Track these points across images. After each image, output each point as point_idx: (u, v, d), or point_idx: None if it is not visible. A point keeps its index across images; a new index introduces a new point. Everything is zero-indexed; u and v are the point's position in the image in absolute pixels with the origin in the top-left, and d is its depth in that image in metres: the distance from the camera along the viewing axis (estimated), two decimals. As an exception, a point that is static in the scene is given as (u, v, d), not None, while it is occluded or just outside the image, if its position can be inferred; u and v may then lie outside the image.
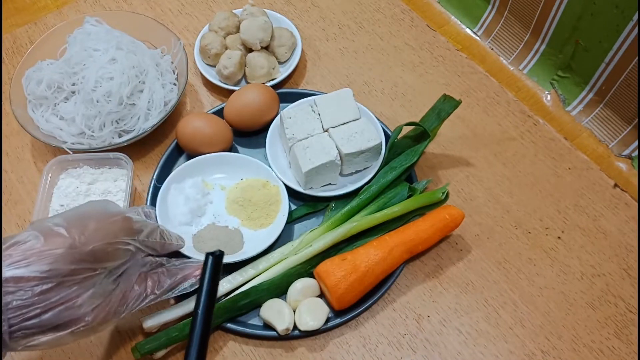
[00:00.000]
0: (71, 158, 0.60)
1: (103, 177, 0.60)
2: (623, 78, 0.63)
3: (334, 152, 0.57)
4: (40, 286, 0.37)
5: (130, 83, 0.61)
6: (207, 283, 0.42)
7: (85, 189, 0.59)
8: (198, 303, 0.42)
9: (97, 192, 0.59)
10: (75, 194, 0.59)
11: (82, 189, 0.59)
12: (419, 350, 0.53)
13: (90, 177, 0.60)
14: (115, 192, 0.60)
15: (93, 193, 0.59)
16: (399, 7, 0.79)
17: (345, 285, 0.51)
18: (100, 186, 0.60)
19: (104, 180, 0.60)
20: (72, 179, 0.60)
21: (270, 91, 0.64)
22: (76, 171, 0.60)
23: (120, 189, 0.60)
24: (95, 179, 0.60)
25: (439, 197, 0.57)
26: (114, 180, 0.60)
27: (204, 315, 0.41)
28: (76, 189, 0.59)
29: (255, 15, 0.71)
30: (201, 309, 0.41)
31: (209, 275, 0.43)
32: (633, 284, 0.56)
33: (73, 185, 0.59)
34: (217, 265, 0.44)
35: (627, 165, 0.66)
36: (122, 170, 0.61)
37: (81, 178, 0.60)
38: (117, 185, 0.60)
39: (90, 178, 0.60)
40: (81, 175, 0.60)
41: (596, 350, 0.53)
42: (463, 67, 0.73)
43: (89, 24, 0.66)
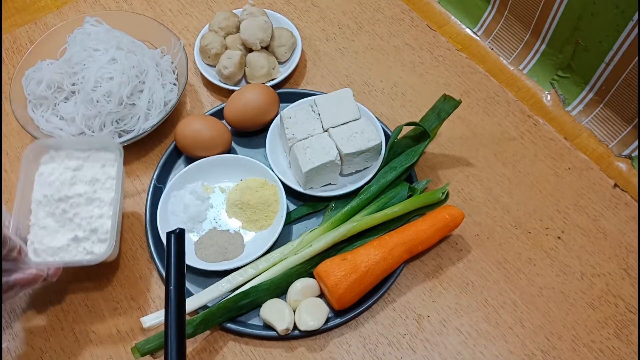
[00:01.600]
0: (54, 142, 0.54)
1: (90, 163, 0.54)
2: (623, 78, 0.63)
3: (334, 152, 0.57)
4: None
5: (130, 83, 0.61)
6: (174, 261, 0.43)
7: (71, 176, 0.53)
8: (168, 280, 0.43)
9: (83, 180, 0.53)
10: (59, 182, 0.52)
11: (66, 177, 0.53)
12: (419, 350, 0.53)
13: (75, 162, 0.54)
14: (103, 180, 0.53)
15: (80, 181, 0.53)
16: (399, 7, 0.79)
17: (345, 285, 0.51)
18: (87, 173, 0.53)
19: (91, 167, 0.54)
20: (55, 165, 0.53)
21: (270, 91, 0.64)
22: (59, 155, 0.54)
23: (110, 176, 0.54)
24: (80, 165, 0.54)
25: (439, 197, 0.57)
26: (102, 166, 0.54)
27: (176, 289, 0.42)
28: (60, 177, 0.53)
29: (255, 15, 0.71)
30: (173, 285, 0.43)
31: (174, 253, 0.44)
32: (633, 284, 0.56)
33: (56, 172, 0.53)
34: (180, 243, 0.45)
35: (627, 165, 0.66)
36: (110, 155, 0.55)
37: (65, 163, 0.54)
38: (105, 172, 0.54)
39: (75, 164, 0.54)
40: (65, 159, 0.54)
41: (596, 350, 0.53)
42: (463, 67, 0.73)
43: (89, 24, 0.66)
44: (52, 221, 0.51)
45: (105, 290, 0.57)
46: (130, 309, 0.55)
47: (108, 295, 0.56)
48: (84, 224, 0.51)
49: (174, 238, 0.44)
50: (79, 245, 0.51)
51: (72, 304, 0.56)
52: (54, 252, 0.50)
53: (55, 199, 0.52)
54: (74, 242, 0.51)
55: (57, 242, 0.50)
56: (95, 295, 0.56)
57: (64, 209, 0.52)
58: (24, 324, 0.55)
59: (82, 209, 0.52)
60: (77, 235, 0.51)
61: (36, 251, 0.50)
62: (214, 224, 0.59)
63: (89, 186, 0.53)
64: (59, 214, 0.51)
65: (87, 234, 0.51)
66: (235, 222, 0.59)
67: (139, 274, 0.57)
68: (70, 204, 0.52)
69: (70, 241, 0.51)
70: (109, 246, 0.50)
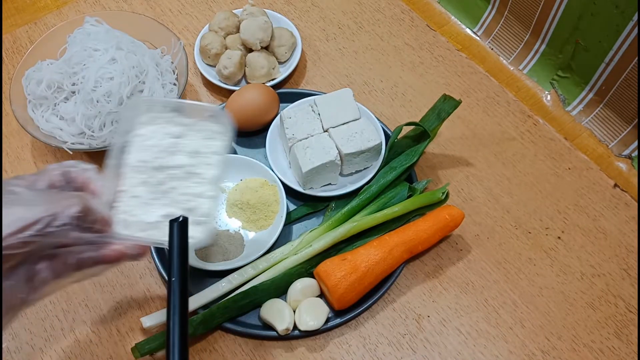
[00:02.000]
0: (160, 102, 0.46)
1: (193, 132, 0.45)
2: (623, 78, 0.63)
3: (334, 152, 0.57)
4: None
5: (130, 83, 0.61)
6: (176, 251, 0.39)
7: (171, 143, 0.44)
8: (171, 272, 0.38)
9: (185, 150, 0.44)
10: (158, 149, 0.44)
11: (166, 143, 0.44)
12: (419, 350, 0.53)
13: (178, 129, 0.45)
14: (207, 153, 0.44)
15: (180, 151, 0.44)
16: (399, 7, 0.79)
17: (345, 285, 0.51)
18: (190, 143, 0.44)
19: (195, 136, 0.45)
20: (156, 127, 0.45)
21: (270, 91, 0.64)
22: (162, 117, 0.45)
23: (214, 150, 0.44)
24: (183, 133, 0.45)
25: (439, 197, 0.57)
26: (207, 137, 0.45)
27: (179, 281, 0.38)
28: (159, 142, 0.44)
29: (255, 15, 0.71)
30: (176, 276, 0.38)
31: (177, 243, 0.39)
32: (633, 284, 0.56)
33: (156, 136, 0.44)
34: (183, 232, 0.39)
35: (627, 165, 0.66)
36: (217, 127, 0.45)
37: (167, 127, 0.45)
38: (209, 145, 0.45)
39: (178, 130, 0.45)
40: (167, 123, 0.45)
41: (596, 350, 0.53)
42: (463, 67, 0.73)
43: (89, 24, 0.66)
44: (146, 191, 0.43)
45: (105, 290, 0.57)
46: (130, 309, 0.55)
47: (108, 295, 0.56)
48: (180, 200, 0.43)
49: (177, 227, 0.39)
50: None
51: (72, 304, 0.56)
52: (144, 227, 0.42)
53: (151, 166, 0.43)
54: (167, 219, 0.41)
55: (149, 217, 0.42)
56: (95, 296, 0.56)
57: (160, 180, 0.43)
58: (24, 323, 0.55)
59: (180, 183, 0.43)
60: (171, 212, 0.42)
61: (126, 223, 0.42)
62: (214, 224, 0.59)
63: (190, 158, 0.44)
64: (154, 184, 0.43)
65: (183, 213, 0.42)
66: (235, 222, 0.59)
67: (139, 274, 0.57)
68: (168, 175, 0.43)
69: (163, 217, 0.42)
70: (209, 230, 0.42)
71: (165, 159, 0.44)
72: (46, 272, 0.36)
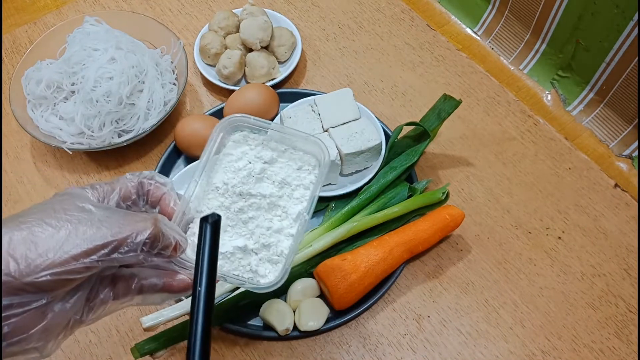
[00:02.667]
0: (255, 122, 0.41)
1: (285, 160, 0.42)
2: (623, 78, 0.63)
3: (334, 152, 0.57)
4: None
5: (130, 83, 0.61)
6: (207, 255, 0.34)
7: (260, 168, 0.41)
8: (199, 279, 0.33)
9: (273, 179, 0.41)
10: (246, 172, 0.40)
11: (255, 168, 0.41)
12: (419, 351, 0.53)
13: (270, 153, 0.41)
14: (294, 185, 0.41)
15: (268, 178, 0.41)
16: (399, 7, 0.79)
17: (345, 285, 0.51)
18: (280, 171, 0.41)
19: (286, 165, 0.42)
20: (247, 149, 0.41)
21: (270, 91, 0.64)
22: (255, 138, 0.42)
23: (303, 183, 0.41)
24: (274, 159, 0.42)
25: (439, 197, 0.57)
26: (298, 167, 0.42)
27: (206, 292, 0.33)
28: (248, 166, 0.41)
29: (255, 14, 0.71)
30: (204, 286, 0.33)
31: (209, 246, 0.34)
32: (633, 284, 0.56)
33: (246, 159, 0.41)
34: (215, 233, 0.35)
35: (627, 165, 0.66)
36: (310, 159, 0.42)
37: (258, 150, 0.41)
38: (300, 177, 0.41)
39: (270, 155, 0.41)
40: (260, 146, 0.42)
41: (596, 350, 0.53)
42: (463, 66, 0.73)
43: (88, 23, 0.66)
44: (224, 217, 0.39)
45: (104, 291, 0.56)
46: (130, 309, 0.55)
47: (108, 296, 0.56)
48: (258, 233, 0.39)
49: (208, 228, 0.34)
50: (245, 257, 0.39)
51: (71, 304, 0.55)
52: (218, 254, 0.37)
53: (235, 191, 0.40)
54: (241, 252, 0.39)
55: (222, 245, 0.38)
56: (94, 296, 0.56)
57: (241, 208, 0.40)
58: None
59: (262, 214, 0.40)
60: (247, 245, 0.39)
61: (192, 245, 0.38)
62: (214, 224, 0.59)
63: (276, 188, 0.41)
64: (235, 211, 0.40)
65: (258, 247, 0.39)
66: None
67: (138, 274, 0.57)
68: (250, 204, 0.40)
69: (237, 250, 0.39)
70: (281, 272, 0.38)
71: (252, 186, 0.40)
72: (107, 295, 0.34)
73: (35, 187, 0.64)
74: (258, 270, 0.39)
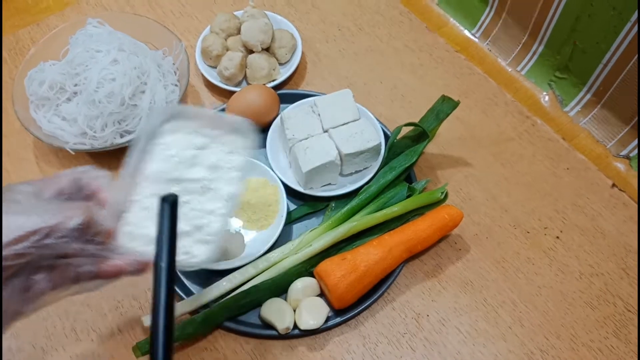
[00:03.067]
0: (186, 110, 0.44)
1: (216, 145, 0.44)
2: (621, 79, 0.63)
3: (333, 152, 0.58)
4: None
5: (132, 84, 0.62)
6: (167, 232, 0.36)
7: (192, 155, 0.43)
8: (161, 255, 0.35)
9: (204, 163, 0.43)
10: (178, 159, 0.42)
11: (187, 155, 0.43)
12: (418, 349, 0.53)
13: (201, 140, 0.43)
14: (226, 168, 0.43)
15: (200, 164, 0.42)
16: (398, 9, 0.80)
17: (345, 284, 0.52)
18: (211, 156, 0.43)
19: (217, 149, 0.44)
20: (180, 136, 0.43)
21: (270, 92, 0.64)
22: (187, 127, 0.44)
23: (234, 166, 0.43)
24: (206, 144, 0.43)
25: (438, 197, 0.58)
26: (229, 151, 0.44)
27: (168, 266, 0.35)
28: (180, 152, 0.43)
29: (256, 17, 0.71)
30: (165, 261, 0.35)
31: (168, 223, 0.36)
32: (631, 284, 0.57)
33: (178, 146, 0.43)
34: (173, 211, 0.36)
35: (625, 165, 0.67)
36: (241, 141, 0.44)
37: (190, 137, 0.43)
38: (230, 160, 0.43)
39: (201, 141, 0.43)
40: (192, 133, 0.43)
41: (595, 349, 0.53)
42: (462, 68, 0.73)
43: (91, 25, 0.67)
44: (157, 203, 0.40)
45: (106, 290, 0.56)
46: (132, 308, 0.55)
47: (109, 295, 0.56)
48: (191, 215, 0.41)
49: (166, 206, 0.36)
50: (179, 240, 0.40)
51: (73, 303, 0.56)
52: (149, 241, 0.39)
53: (167, 177, 0.42)
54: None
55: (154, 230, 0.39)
56: (96, 295, 0.56)
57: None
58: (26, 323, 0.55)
59: (194, 197, 0.42)
60: (181, 227, 0.40)
61: (132, 235, 0.40)
62: (214, 224, 0.59)
63: (208, 172, 0.43)
64: None
65: (190, 230, 0.41)
66: (235, 221, 0.60)
67: (140, 274, 0.58)
68: (183, 188, 0.42)
69: None
70: (212, 250, 0.40)
71: (183, 171, 0.42)
72: (43, 284, 0.35)
73: (38, 187, 0.64)
74: (192, 251, 0.40)
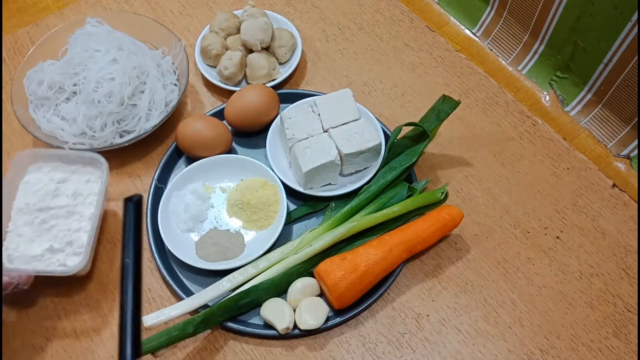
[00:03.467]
0: (45, 152, 0.57)
1: (75, 177, 0.57)
2: (622, 78, 0.63)
3: (333, 152, 0.57)
4: None
5: (132, 84, 0.61)
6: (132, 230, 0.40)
7: (54, 187, 0.55)
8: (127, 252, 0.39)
9: (66, 193, 0.55)
10: (43, 192, 0.55)
11: (50, 188, 0.55)
12: (418, 350, 0.53)
13: (61, 175, 0.56)
14: (86, 194, 0.56)
15: (62, 194, 0.55)
16: (398, 8, 0.79)
17: (345, 284, 0.52)
18: (71, 186, 0.56)
19: (76, 180, 0.56)
20: (41, 175, 0.56)
21: (270, 92, 0.64)
22: (47, 166, 0.57)
23: (92, 192, 0.56)
24: (65, 178, 0.56)
25: (438, 197, 0.58)
26: (87, 181, 0.57)
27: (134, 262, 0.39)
28: (44, 187, 0.55)
29: (256, 16, 0.71)
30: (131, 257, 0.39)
31: (133, 222, 0.40)
32: (631, 284, 0.57)
33: (41, 182, 0.55)
34: (138, 210, 0.41)
35: (625, 165, 0.67)
36: (96, 172, 0.57)
37: (51, 174, 0.56)
38: (89, 187, 0.56)
39: (61, 176, 0.56)
40: (51, 171, 0.56)
41: (595, 349, 0.53)
42: (462, 67, 0.73)
43: (90, 24, 0.66)
44: (30, 230, 0.53)
45: (106, 290, 0.57)
46: (131, 308, 0.55)
47: (109, 295, 0.56)
48: (60, 235, 0.53)
49: (131, 206, 0.41)
50: (54, 256, 0.53)
51: (73, 303, 0.56)
52: (28, 260, 0.52)
53: (36, 208, 0.54)
54: (49, 252, 0.53)
55: (32, 251, 0.52)
56: (96, 295, 0.56)
57: (43, 219, 0.54)
58: (25, 323, 0.55)
59: (61, 221, 0.54)
60: (53, 245, 0.53)
61: (10, 257, 0.52)
62: (214, 224, 0.59)
63: (70, 199, 0.55)
64: (38, 223, 0.53)
65: (63, 246, 0.53)
66: (235, 221, 0.60)
67: (140, 274, 0.58)
68: (50, 215, 0.54)
69: (45, 251, 0.52)
70: (83, 260, 0.52)
71: (49, 201, 0.54)
72: None
73: (37, 187, 0.64)
74: (67, 262, 0.53)
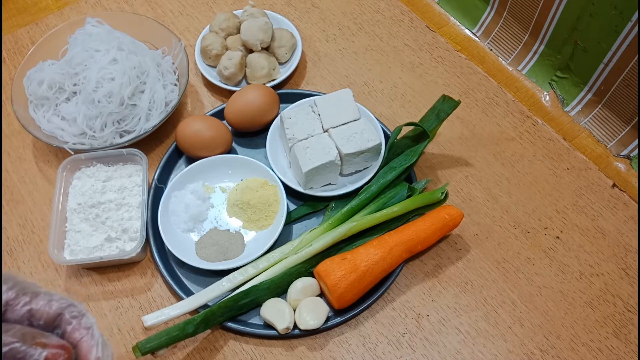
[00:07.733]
0: (84, 157, 0.60)
1: (117, 174, 0.60)
2: (622, 78, 0.63)
3: (333, 152, 0.57)
4: None
5: (132, 84, 0.61)
6: None
7: (101, 186, 0.59)
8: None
9: (113, 189, 0.59)
10: (91, 192, 0.59)
11: (97, 187, 0.59)
12: (418, 349, 0.53)
13: (105, 174, 0.60)
14: (131, 187, 0.60)
15: (109, 190, 0.59)
16: (398, 8, 0.79)
17: (345, 284, 0.52)
18: (116, 183, 0.60)
19: (119, 177, 0.60)
20: (87, 178, 0.60)
21: (270, 92, 0.64)
22: (90, 170, 0.61)
23: (136, 184, 0.60)
24: (109, 176, 0.60)
25: (438, 197, 0.58)
26: (129, 176, 0.61)
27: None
28: (92, 187, 0.59)
29: (256, 16, 0.71)
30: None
31: None
32: (631, 284, 0.57)
33: (88, 184, 0.59)
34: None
35: (625, 165, 0.67)
36: (136, 166, 0.61)
37: (96, 176, 0.60)
38: (132, 180, 0.60)
39: (105, 175, 0.60)
40: (95, 173, 0.60)
41: (595, 349, 0.53)
42: (462, 67, 0.73)
43: (90, 24, 0.66)
44: (87, 225, 0.57)
45: (106, 290, 0.57)
46: (132, 308, 0.56)
47: (109, 295, 0.56)
48: (115, 225, 0.57)
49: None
50: (112, 244, 0.57)
51: (73, 303, 0.56)
52: (90, 251, 0.56)
53: (88, 205, 0.58)
54: (108, 241, 0.57)
55: (92, 243, 0.56)
56: (96, 295, 0.56)
57: (96, 214, 0.58)
58: (26, 323, 0.55)
59: (113, 213, 0.58)
60: (110, 235, 0.57)
61: (73, 251, 0.56)
62: (214, 224, 0.59)
63: (117, 194, 0.59)
64: (92, 218, 0.57)
65: (119, 234, 0.57)
66: (235, 221, 0.60)
67: (140, 273, 0.58)
68: (102, 209, 0.58)
69: (104, 241, 0.56)
70: (139, 242, 0.55)
71: (99, 198, 0.58)
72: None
73: (37, 187, 0.64)
74: (126, 247, 0.57)
